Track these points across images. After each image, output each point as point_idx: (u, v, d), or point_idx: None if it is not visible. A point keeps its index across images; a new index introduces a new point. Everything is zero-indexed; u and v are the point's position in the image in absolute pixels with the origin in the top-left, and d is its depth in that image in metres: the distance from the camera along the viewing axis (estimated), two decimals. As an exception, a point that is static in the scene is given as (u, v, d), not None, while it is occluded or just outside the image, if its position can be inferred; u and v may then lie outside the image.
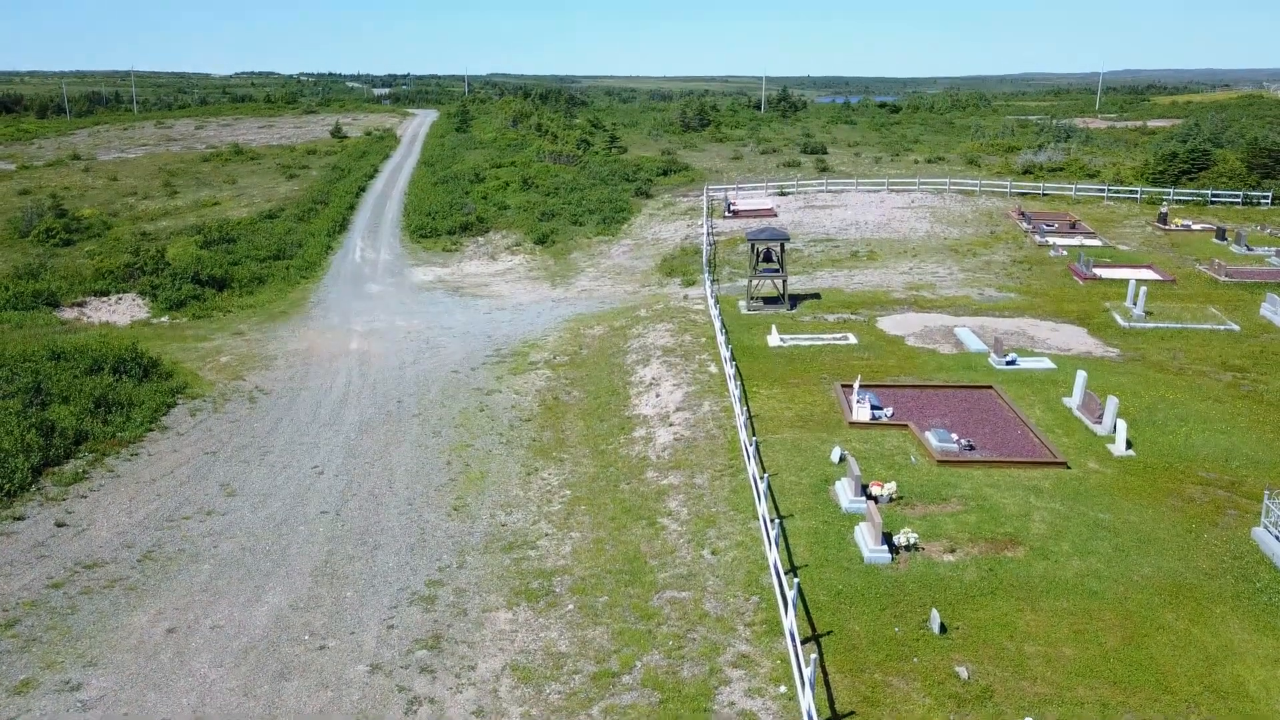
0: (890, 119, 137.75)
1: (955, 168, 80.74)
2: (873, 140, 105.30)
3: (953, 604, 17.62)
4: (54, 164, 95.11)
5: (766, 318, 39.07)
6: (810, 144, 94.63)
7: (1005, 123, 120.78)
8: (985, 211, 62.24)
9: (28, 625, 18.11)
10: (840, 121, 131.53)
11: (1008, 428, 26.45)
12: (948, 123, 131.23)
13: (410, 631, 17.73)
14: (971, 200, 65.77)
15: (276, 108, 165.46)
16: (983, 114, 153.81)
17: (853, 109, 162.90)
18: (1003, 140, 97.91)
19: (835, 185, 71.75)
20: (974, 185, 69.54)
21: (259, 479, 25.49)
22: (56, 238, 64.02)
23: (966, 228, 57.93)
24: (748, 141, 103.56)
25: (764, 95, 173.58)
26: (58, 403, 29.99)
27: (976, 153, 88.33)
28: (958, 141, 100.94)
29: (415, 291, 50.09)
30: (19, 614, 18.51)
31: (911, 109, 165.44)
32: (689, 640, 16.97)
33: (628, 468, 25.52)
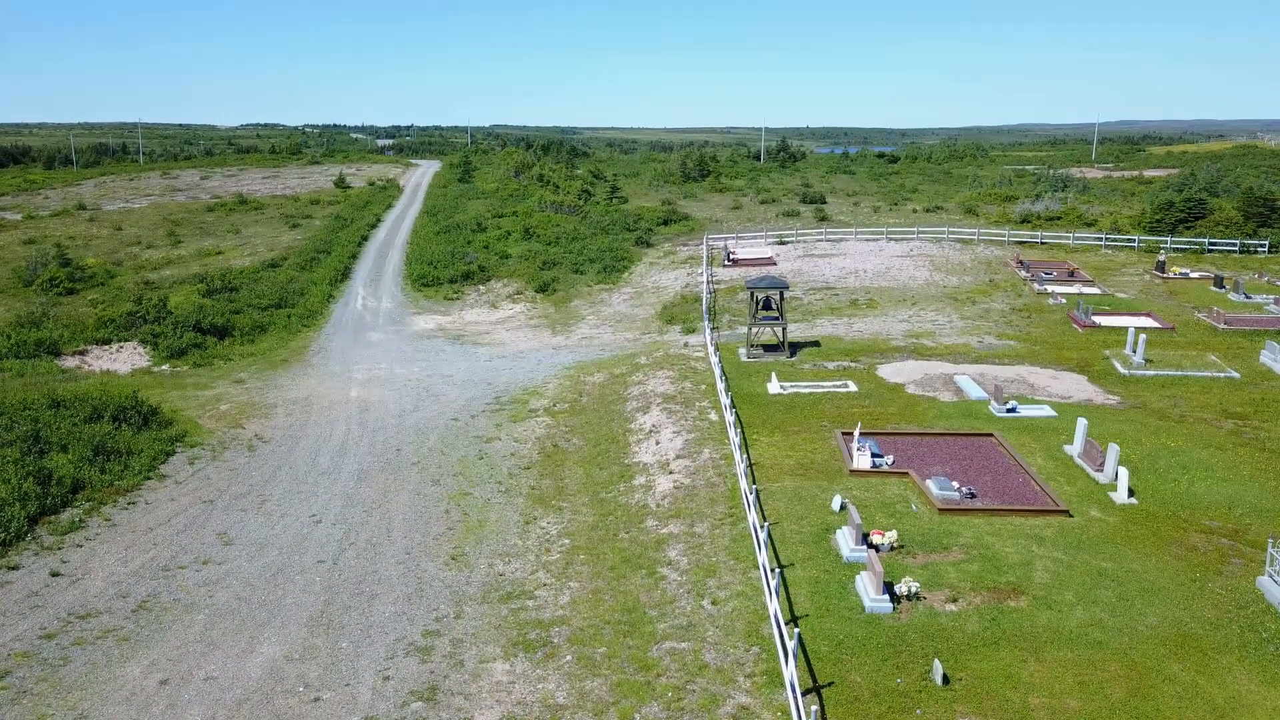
0: (889, 169, 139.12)
1: (953, 217, 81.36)
2: (871, 190, 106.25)
3: (955, 654, 17.40)
4: (59, 214, 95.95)
5: (766, 365, 39.10)
6: (809, 194, 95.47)
7: (1002, 172, 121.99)
8: (984, 260, 62.59)
9: (19, 676, 17.88)
10: (839, 171, 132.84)
11: (1009, 475, 26.33)
12: (945, 172, 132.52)
13: (406, 683, 17.50)
14: (970, 249, 66.19)
15: (281, 158, 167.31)
16: (980, 164, 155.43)
17: (851, 159, 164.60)
18: (1000, 190, 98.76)
19: (834, 234, 72.26)
20: (972, 234, 70.02)
21: (256, 528, 25.34)
22: (60, 287, 64.40)
23: (965, 276, 58.20)
24: (747, 191, 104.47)
25: (763, 146, 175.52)
26: (56, 451, 29.94)
27: (974, 202, 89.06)
28: (955, 191, 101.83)
29: (416, 339, 50.22)
30: (10, 665, 18.29)
31: (909, 159, 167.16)
32: (689, 692, 16.73)
33: (627, 516, 25.37)
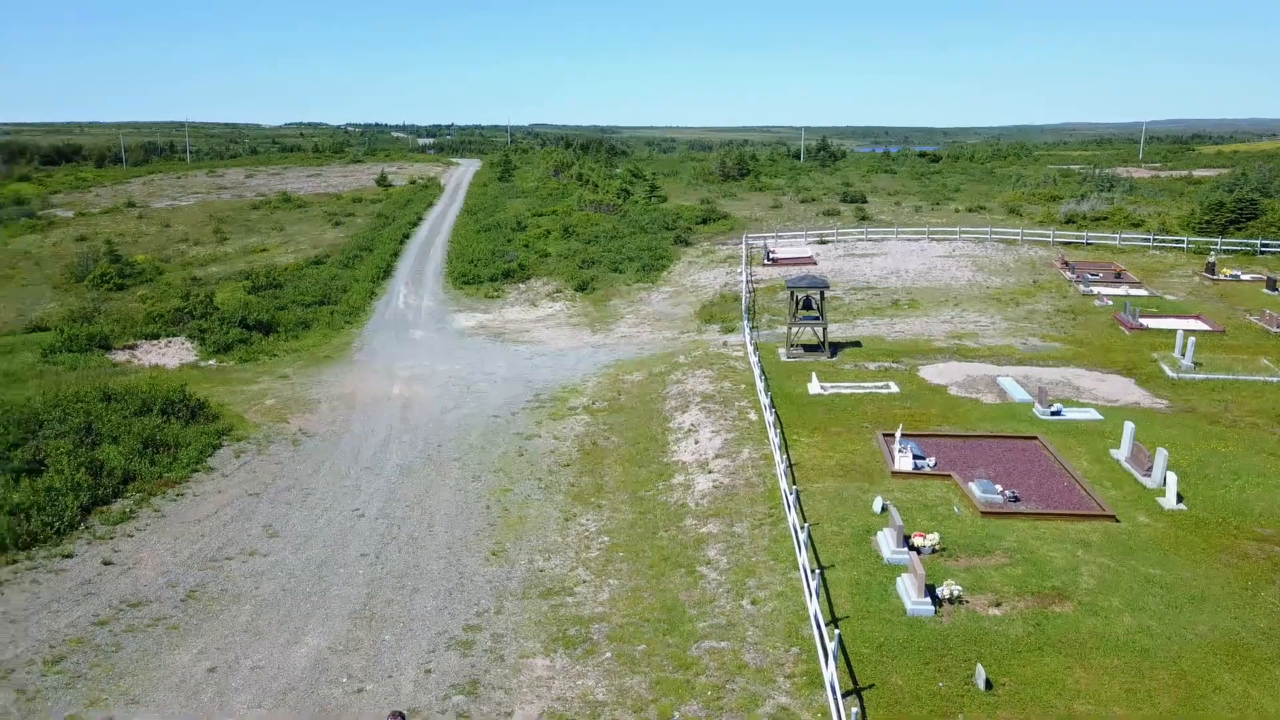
0: (930, 168, 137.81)
1: (997, 217, 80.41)
2: (913, 189, 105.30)
3: (998, 659, 17.23)
4: (110, 211, 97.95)
5: (806, 365, 38.93)
6: (850, 193, 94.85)
7: (1047, 172, 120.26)
8: (1028, 260, 61.82)
9: (73, 662, 18.31)
10: (880, 171, 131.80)
11: (1053, 479, 26.00)
12: (989, 172, 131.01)
13: (447, 676, 17.68)
14: (1014, 249, 65.38)
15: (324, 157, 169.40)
16: (1024, 163, 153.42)
17: (892, 158, 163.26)
18: (1045, 189, 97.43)
19: (875, 234, 71.74)
20: (1016, 234, 69.17)
21: (300, 521, 25.71)
22: (110, 282, 65.76)
23: (1009, 276, 57.53)
24: (787, 190, 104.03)
25: (803, 145, 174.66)
26: (107, 443, 30.55)
27: (1018, 202, 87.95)
28: (999, 190, 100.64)
29: (457, 337, 50.62)
30: (65, 650, 18.73)
31: (952, 158, 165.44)
32: (728, 691, 16.73)
33: (666, 515, 25.40)
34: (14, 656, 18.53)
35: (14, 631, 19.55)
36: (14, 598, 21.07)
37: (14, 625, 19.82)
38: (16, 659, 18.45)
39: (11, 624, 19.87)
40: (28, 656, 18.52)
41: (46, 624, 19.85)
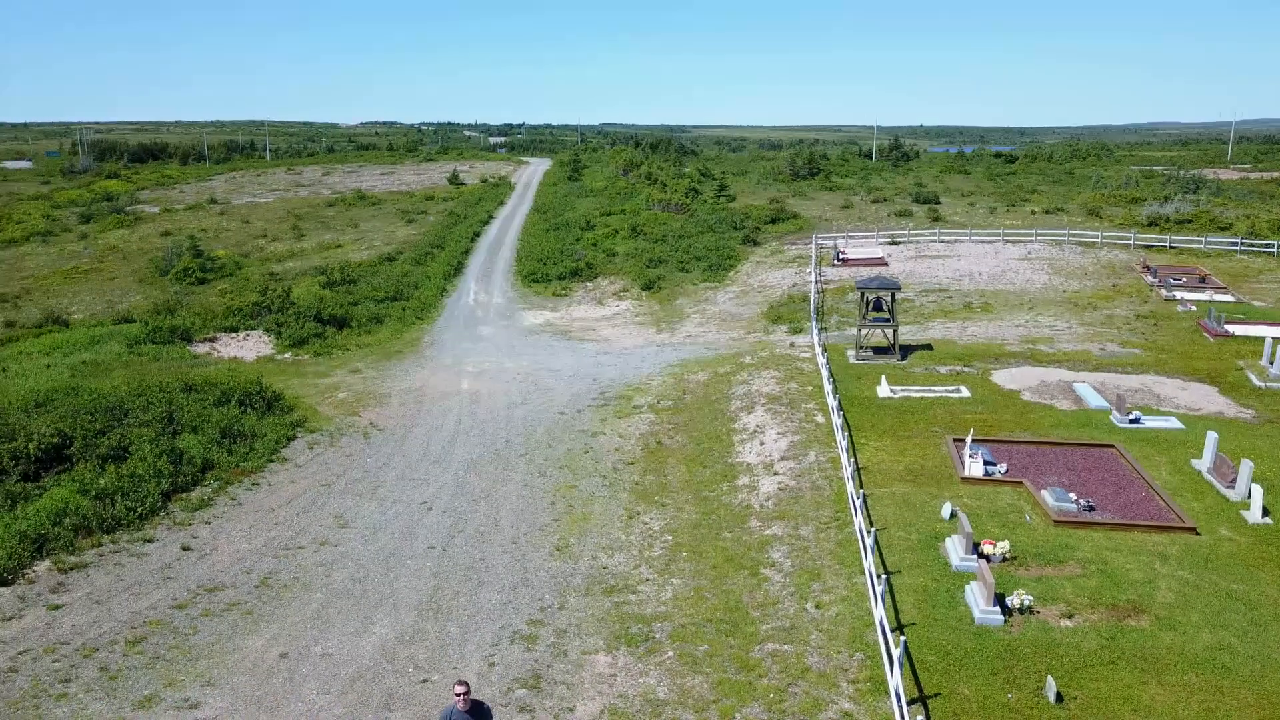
0: (1006, 169, 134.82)
1: (1075, 219, 78.42)
2: (988, 190, 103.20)
3: (1070, 672, 16.80)
4: (193, 207, 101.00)
5: (876, 368, 38.43)
6: (922, 193, 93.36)
7: (1129, 173, 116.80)
8: (1107, 264, 60.17)
9: (153, 643, 18.93)
10: (954, 171, 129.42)
11: (1131, 489, 25.25)
12: (1067, 173, 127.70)
13: (511, 670, 17.85)
14: (1092, 252, 63.68)
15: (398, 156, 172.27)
16: (1104, 164, 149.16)
17: (967, 158, 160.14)
18: (1126, 191, 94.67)
19: (948, 235, 70.50)
20: (1095, 237, 67.35)
21: (370, 512, 26.20)
22: (193, 276, 67.87)
23: (1087, 280, 56.06)
24: (858, 190, 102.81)
25: (875, 144, 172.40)
26: (187, 432, 31.51)
27: (1098, 204, 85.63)
28: (1077, 192, 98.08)
29: (525, 334, 51.11)
30: (146, 632, 19.38)
31: (1029, 159, 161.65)
32: (790, 694, 16.60)
33: (730, 516, 25.31)
34: (98, 636, 19.23)
35: (99, 612, 20.28)
36: (99, 579, 21.87)
37: (99, 606, 20.56)
38: (100, 638, 19.14)
39: (97, 604, 20.62)
40: (110, 636, 19.20)
41: (129, 606, 20.55)
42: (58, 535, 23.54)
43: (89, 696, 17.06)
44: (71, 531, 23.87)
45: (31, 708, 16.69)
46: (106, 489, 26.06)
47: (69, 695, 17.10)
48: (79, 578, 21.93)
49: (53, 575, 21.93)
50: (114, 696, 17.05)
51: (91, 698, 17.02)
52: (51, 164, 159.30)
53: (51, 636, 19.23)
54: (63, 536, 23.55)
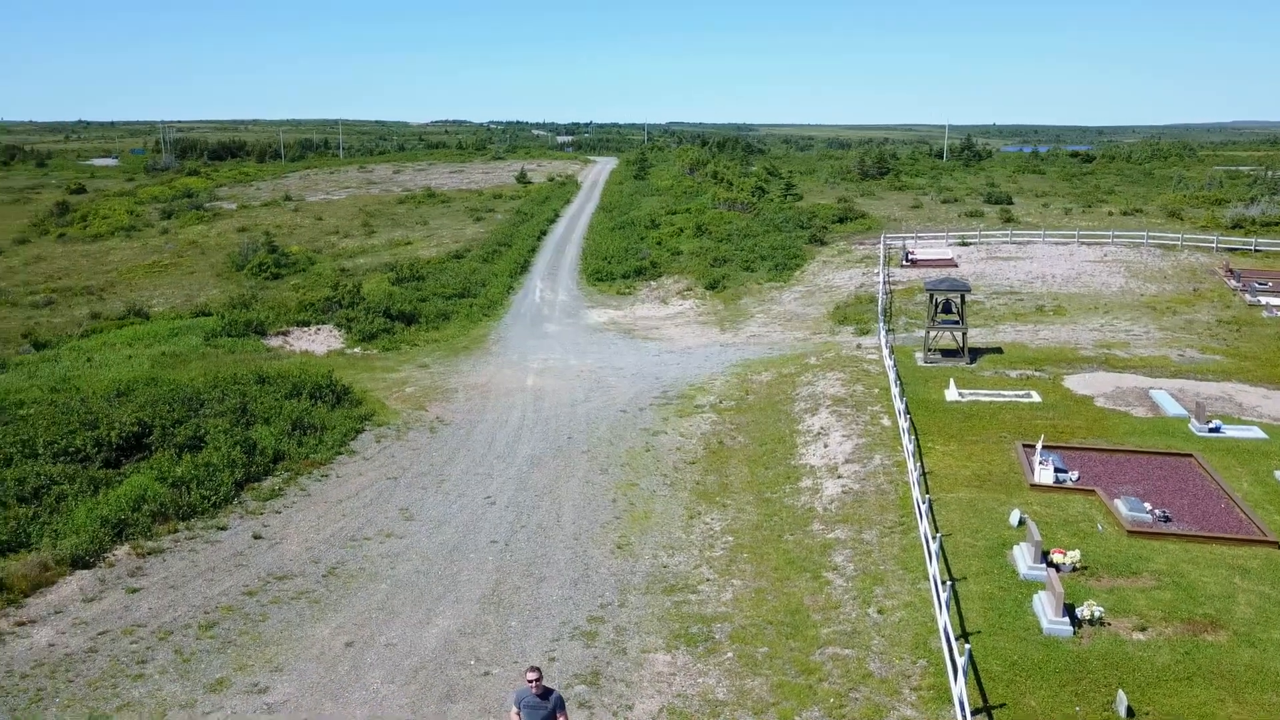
0: (1082, 169, 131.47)
1: (1154, 220, 76.13)
2: (1062, 190, 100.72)
3: (1142, 687, 16.32)
4: (268, 204, 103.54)
5: (944, 370, 37.80)
6: (994, 194, 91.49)
7: (1212, 173, 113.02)
8: (1188, 267, 58.30)
9: (225, 628, 19.46)
10: (1027, 171, 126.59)
11: (1209, 500, 24.43)
12: (1147, 173, 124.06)
13: (570, 665, 17.96)
14: (1172, 255, 61.75)
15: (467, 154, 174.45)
16: (1186, 164, 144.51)
17: (1041, 158, 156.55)
18: (1209, 192, 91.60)
19: (1021, 236, 68.98)
20: (1175, 239, 65.26)
21: (435, 505, 26.57)
22: (267, 272, 69.60)
23: (1166, 284, 54.41)
24: (928, 190, 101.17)
25: (946, 143, 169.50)
26: (260, 423, 32.30)
27: (1178, 205, 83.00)
28: (1157, 193, 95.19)
29: (589, 332, 51.37)
30: (218, 617, 19.93)
31: (1106, 158, 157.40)
32: (851, 700, 16.42)
33: (792, 518, 25.11)
34: (173, 620, 19.83)
35: (174, 596, 20.92)
36: (174, 564, 22.55)
37: (174, 591, 21.21)
38: (175, 622, 19.74)
39: (172, 589, 21.27)
40: (184, 621, 19.79)
41: (202, 591, 21.15)
42: (136, 521, 24.32)
43: (164, 678, 17.60)
44: (149, 518, 24.65)
45: (110, 687, 17.28)
46: (183, 477, 26.85)
47: (145, 676, 17.66)
48: (155, 562, 22.64)
49: (131, 559, 22.67)
50: (187, 679, 17.57)
51: (166, 679, 17.56)
52: (136, 161, 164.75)
53: (129, 619, 19.89)
54: (141, 522, 24.33)
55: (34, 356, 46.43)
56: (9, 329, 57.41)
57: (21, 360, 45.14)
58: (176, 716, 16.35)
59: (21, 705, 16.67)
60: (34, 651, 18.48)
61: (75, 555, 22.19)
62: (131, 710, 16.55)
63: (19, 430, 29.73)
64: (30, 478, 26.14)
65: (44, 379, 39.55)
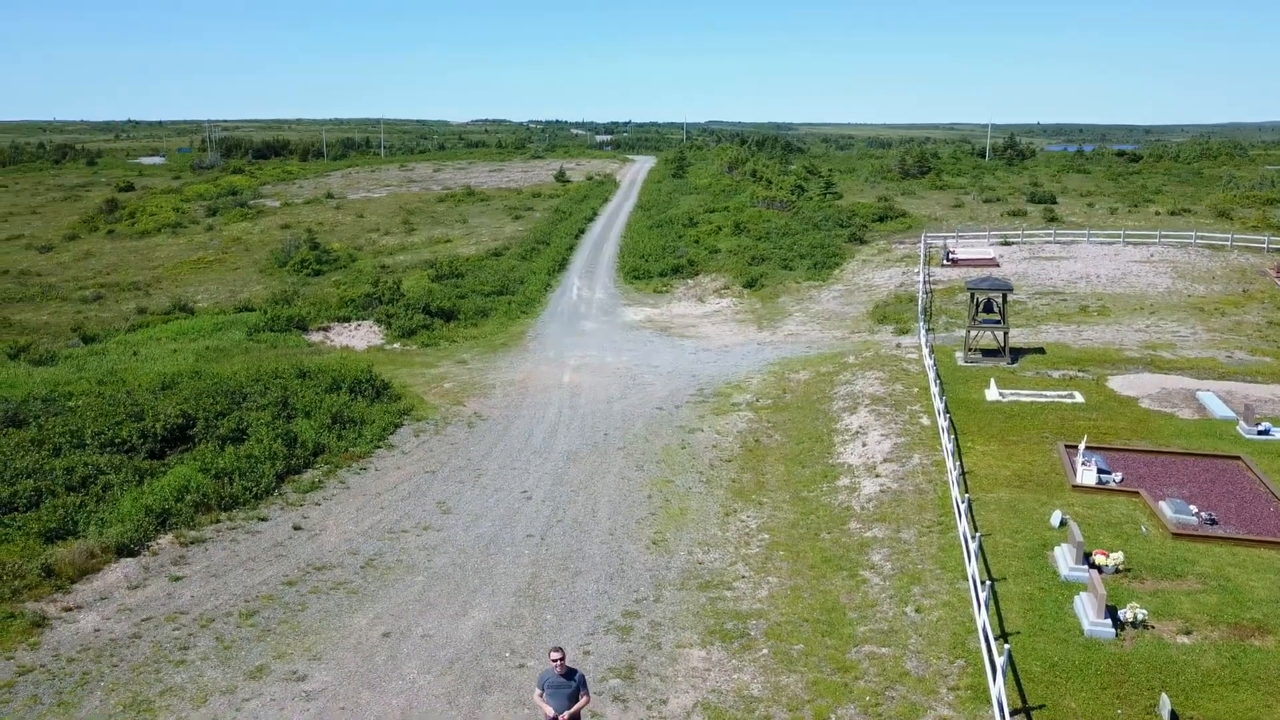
0: (1129, 168, 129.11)
1: (1203, 220, 74.65)
2: (1108, 190, 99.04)
3: (1186, 691, 16.01)
4: (310, 202, 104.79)
5: (985, 370, 37.35)
6: (1038, 193, 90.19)
7: (1264, 173, 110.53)
8: (1237, 268, 57.10)
9: (264, 617, 19.73)
10: (1072, 170, 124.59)
11: (1257, 503, 23.91)
12: (1195, 173, 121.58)
13: (605, 659, 17.98)
14: (1221, 256, 60.52)
15: (506, 153, 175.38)
16: (1237, 163, 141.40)
17: (1086, 157, 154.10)
18: (1260, 192, 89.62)
19: (1064, 236, 67.98)
20: (1224, 240, 63.95)
21: (472, 499, 26.74)
22: (309, 268, 70.45)
23: (1214, 285, 53.34)
24: (969, 190, 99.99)
25: (989, 143, 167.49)
26: (301, 417, 32.70)
27: (1228, 205, 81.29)
28: (1206, 193, 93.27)
29: (626, 330, 51.39)
30: (258, 605, 20.21)
31: (1154, 158, 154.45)
32: (887, 698, 16.27)
33: (829, 517, 24.95)
34: (214, 607, 20.14)
35: (216, 585, 21.25)
36: (216, 554, 22.90)
37: (216, 579, 21.54)
38: (216, 609, 20.04)
39: (214, 578, 21.60)
40: (226, 609, 20.08)
41: (243, 580, 21.46)
42: (179, 511, 24.74)
43: (205, 664, 17.89)
44: (192, 508, 25.06)
45: (153, 672, 17.59)
46: (225, 469, 27.27)
47: (187, 662, 17.96)
48: (198, 551, 23.01)
49: (174, 548, 23.06)
50: (228, 666, 17.83)
51: (208, 665, 17.84)
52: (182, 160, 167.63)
53: (172, 606, 20.23)
54: (184, 512, 24.74)
55: (82, 350, 47.45)
56: (59, 323, 58.69)
57: (70, 354, 46.12)
58: (217, 702, 16.61)
59: (68, 688, 17.02)
60: (80, 637, 18.87)
61: (120, 543, 22.61)
62: (174, 695, 16.83)
63: (67, 421, 30.39)
64: (78, 467, 26.69)
65: (91, 372, 40.40)
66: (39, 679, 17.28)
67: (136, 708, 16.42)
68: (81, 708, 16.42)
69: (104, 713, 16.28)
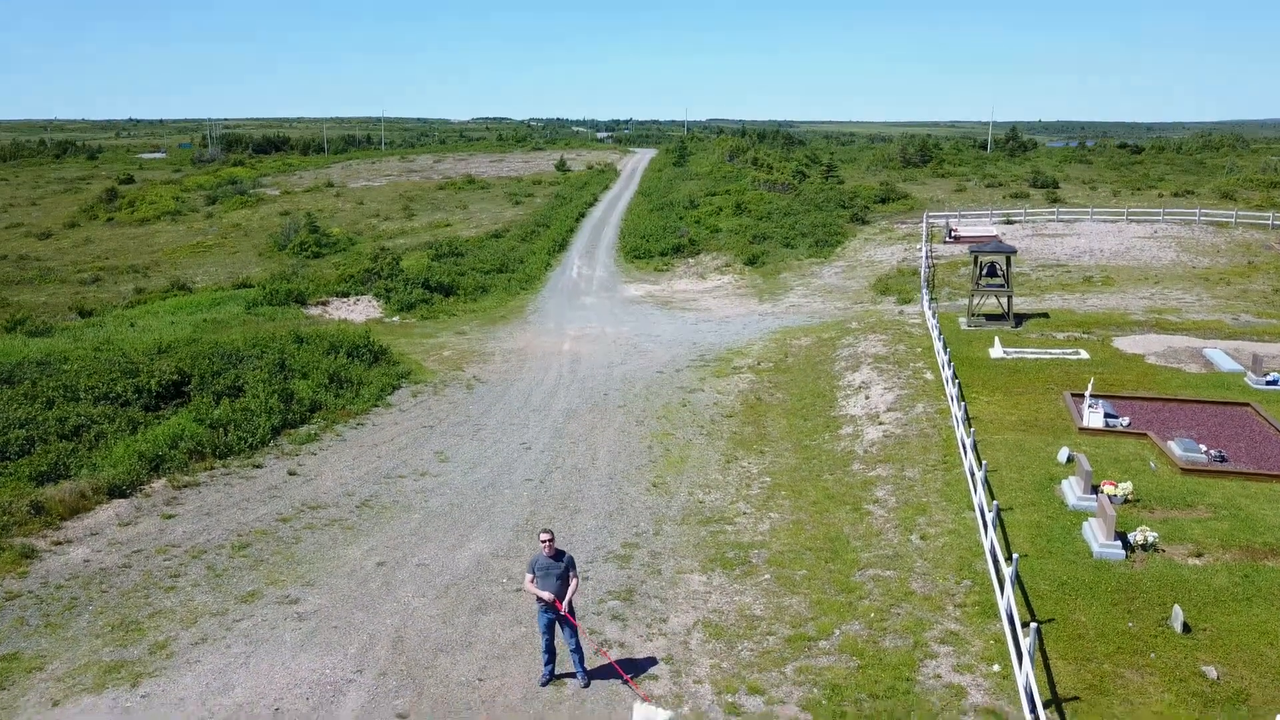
0: (1131, 159, 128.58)
1: (1207, 202, 74.22)
2: (1110, 178, 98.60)
3: (1199, 606, 15.62)
4: (310, 190, 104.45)
5: (988, 333, 36.95)
6: (1040, 178, 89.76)
7: (1268, 161, 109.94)
8: (1242, 243, 56.68)
9: (257, 549, 19.37)
10: (1074, 161, 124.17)
11: (1268, 444, 23.51)
12: (1198, 163, 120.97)
13: (604, 584, 17.62)
14: (1225, 232, 60.10)
15: (507, 145, 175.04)
16: (1240, 154, 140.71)
17: (1088, 150, 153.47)
18: (1265, 175, 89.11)
19: (1067, 214, 67.57)
20: (1229, 217, 63.52)
21: (470, 450, 26.38)
22: (308, 250, 70.09)
23: (1219, 258, 52.93)
24: (971, 177, 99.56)
25: (990, 135, 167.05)
26: (298, 378, 32.30)
27: (1232, 187, 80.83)
28: (1209, 179, 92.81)
29: (626, 304, 51.03)
30: (251, 539, 19.85)
31: (1156, 149, 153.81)
32: (892, 615, 15.89)
33: (832, 460, 24.58)
34: (206, 541, 19.79)
35: (208, 522, 20.89)
36: (209, 495, 22.55)
37: (209, 518, 21.18)
38: (208, 543, 19.69)
39: (206, 516, 21.25)
40: (218, 542, 19.73)
41: (236, 518, 21.10)
42: (173, 457, 24.36)
43: (195, 590, 17.53)
44: (186, 454, 24.69)
45: (142, 597, 17.24)
46: (220, 419, 26.90)
47: (177, 588, 17.60)
48: (191, 494, 22.65)
49: (167, 490, 22.70)
50: (219, 591, 17.48)
51: (198, 591, 17.48)
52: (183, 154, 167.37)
53: (163, 540, 19.88)
54: (177, 458, 24.37)
55: (79, 323, 47.09)
56: (57, 303, 58.35)
57: (67, 326, 45.78)
58: (208, 623, 16.24)
59: (55, 612, 16.67)
60: (69, 567, 18.52)
61: (112, 485, 22.26)
62: (163, 617, 16.47)
63: (61, 377, 30.02)
64: (71, 418, 26.33)
65: (88, 341, 40.03)
66: (26, 604, 16.94)
67: (125, 628, 16.06)
68: (69, 628, 16.07)
69: (92, 632, 15.92)
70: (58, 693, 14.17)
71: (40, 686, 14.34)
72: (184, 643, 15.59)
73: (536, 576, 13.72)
